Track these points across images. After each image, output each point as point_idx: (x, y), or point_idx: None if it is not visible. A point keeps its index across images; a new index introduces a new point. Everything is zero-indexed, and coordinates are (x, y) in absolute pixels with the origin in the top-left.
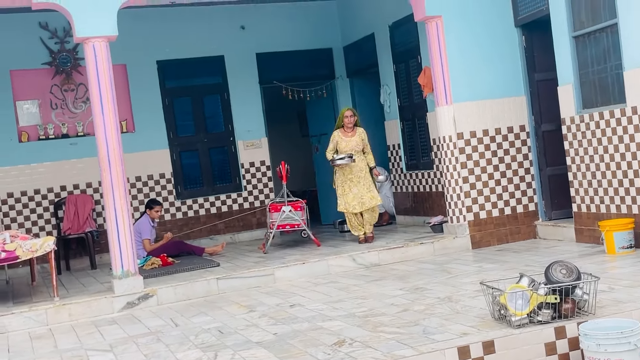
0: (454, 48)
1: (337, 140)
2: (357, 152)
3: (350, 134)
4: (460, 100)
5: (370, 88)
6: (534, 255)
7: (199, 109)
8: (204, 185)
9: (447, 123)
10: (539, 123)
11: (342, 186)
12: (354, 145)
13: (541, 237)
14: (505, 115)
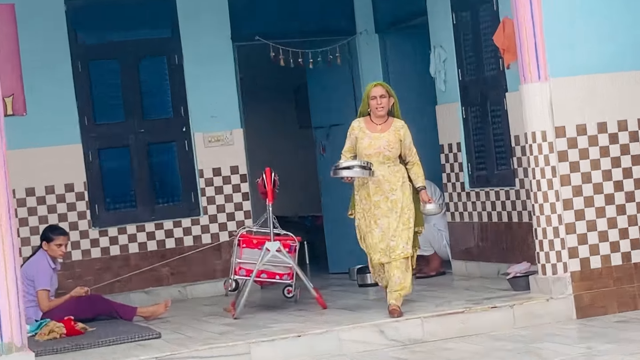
0: None
1: (357, 136)
2: (388, 158)
3: (380, 126)
4: (563, 73)
5: (412, 51)
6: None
7: (131, 81)
8: (137, 205)
9: (540, 111)
10: None
11: (364, 216)
12: (383, 145)
13: None
14: (636, 100)
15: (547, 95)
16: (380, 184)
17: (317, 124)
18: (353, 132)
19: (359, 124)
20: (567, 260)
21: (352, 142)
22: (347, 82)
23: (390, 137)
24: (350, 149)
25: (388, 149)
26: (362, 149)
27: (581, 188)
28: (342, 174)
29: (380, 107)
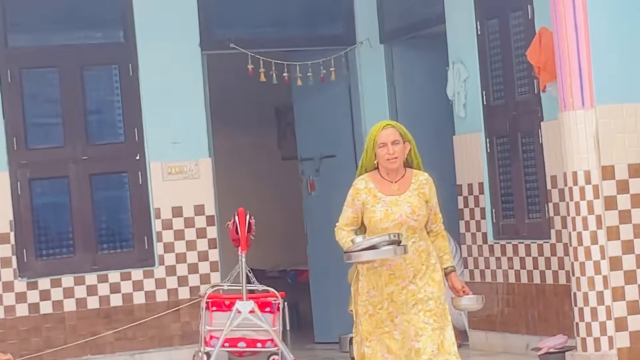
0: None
1: (365, 202)
2: (414, 231)
3: (396, 184)
4: (613, 100)
5: (426, 67)
6: None
7: (73, 95)
8: (75, 252)
9: (584, 145)
10: None
11: (375, 311)
12: (406, 213)
13: None
14: None
15: (593, 126)
16: (398, 269)
17: (304, 154)
18: (358, 196)
19: (366, 184)
20: (614, 334)
21: (356, 212)
22: (344, 103)
23: (413, 199)
24: (354, 221)
25: (413, 218)
26: (375, 221)
27: (632, 244)
28: (364, 258)
29: (393, 159)
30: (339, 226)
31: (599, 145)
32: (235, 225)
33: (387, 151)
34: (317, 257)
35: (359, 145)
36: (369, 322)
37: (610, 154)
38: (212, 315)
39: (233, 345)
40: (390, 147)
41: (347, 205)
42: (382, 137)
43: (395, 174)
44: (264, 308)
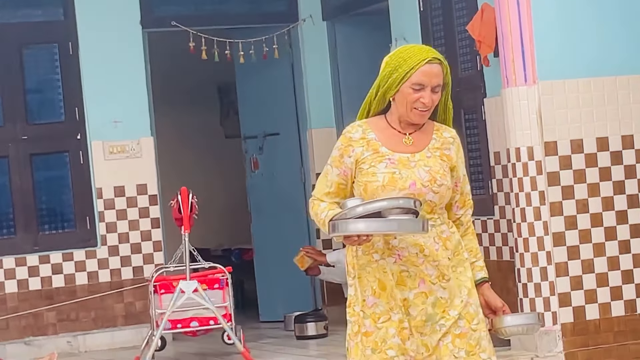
0: None
1: (361, 157)
2: (432, 208)
3: (411, 135)
4: (556, 75)
5: (369, 43)
6: None
7: (12, 74)
8: (16, 232)
9: (526, 122)
10: None
11: (375, 327)
12: (424, 179)
13: None
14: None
15: (536, 102)
16: (412, 264)
17: (247, 133)
18: (351, 150)
19: (363, 132)
20: (558, 310)
21: (345, 174)
22: (287, 80)
23: (433, 161)
24: (339, 188)
25: (433, 188)
26: (373, 189)
27: (576, 219)
28: (364, 230)
29: (426, 112)
30: (316, 196)
31: (542, 121)
32: (178, 204)
33: (423, 98)
34: (261, 236)
35: (302, 123)
36: (361, 346)
37: (552, 130)
38: (161, 297)
39: (186, 326)
40: (429, 93)
41: (331, 164)
42: (423, 74)
43: (410, 126)
44: (213, 285)
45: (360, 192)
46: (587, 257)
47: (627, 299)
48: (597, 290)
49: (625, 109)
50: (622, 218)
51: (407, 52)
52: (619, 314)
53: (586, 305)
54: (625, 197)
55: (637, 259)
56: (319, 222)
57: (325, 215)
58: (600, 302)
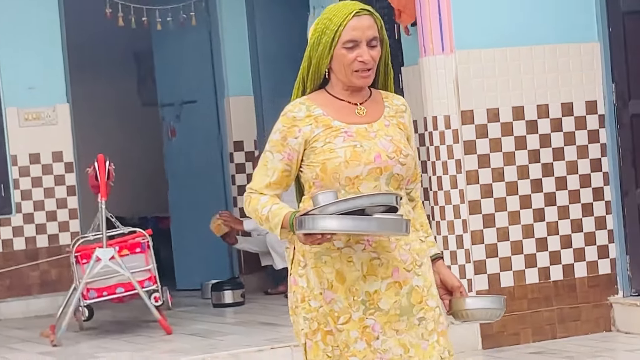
0: None
1: (311, 136)
2: (399, 183)
3: (363, 107)
4: (473, 44)
5: (287, 11)
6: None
7: None
8: None
9: (443, 91)
10: (624, 99)
11: (335, 327)
12: (387, 150)
13: (620, 330)
14: (558, 81)
15: (453, 71)
16: (384, 250)
17: (165, 100)
18: (295, 131)
19: (308, 110)
20: (473, 277)
21: (289, 160)
22: (204, 48)
23: (392, 130)
24: (282, 178)
25: (399, 159)
26: (334, 167)
27: (491, 187)
28: (329, 227)
29: (367, 71)
30: (253, 188)
31: (459, 90)
32: (95, 171)
33: (361, 55)
34: (178, 204)
35: (220, 91)
36: (320, 347)
37: (469, 99)
38: (84, 267)
39: (112, 293)
40: (365, 49)
41: (270, 150)
42: (352, 29)
43: (358, 94)
44: (134, 249)
45: (316, 174)
46: (502, 225)
47: (541, 267)
48: (511, 258)
49: (540, 79)
50: (537, 186)
51: (330, 11)
52: (533, 282)
53: (501, 272)
54: (540, 165)
55: (551, 227)
56: (260, 219)
57: (268, 211)
58: (515, 269)
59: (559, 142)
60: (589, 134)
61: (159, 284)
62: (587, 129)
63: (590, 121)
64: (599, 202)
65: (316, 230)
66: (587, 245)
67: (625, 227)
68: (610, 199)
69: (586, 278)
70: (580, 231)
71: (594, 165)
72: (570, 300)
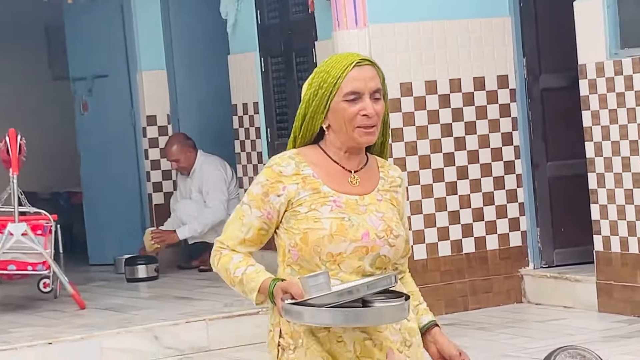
0: None
1: (296, 197)
2: (383, 261)
3: (357, 173)
4: (386, 19)
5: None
6: (519, 337)
7: None
8: None
9: None
10: (535, 73)
11: None
12: (377, 229)
13: (531, 301)
14: (470, 55)
15: (366, 45)
16: (375, 329)
17: (76, 74)
18: (279, 189)
19: (297, 167)
20: None
21: (269, 218)
22: (116, 21)
23: (384, 206)
24: (258, 236)
25: (389, 240)
26: (317, 240)
27: (405, 161)
28: (321, 322)
29: (371, 128)
30: (225, 243)
31: None
32: (6, 146)
33: (364, 109)
34: (90, 179)
35: (132, 65)
36: None
37: (384, 72)
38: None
39: (3, 268)
40: (369, 102)
41: (249, 203)
42: (354, 80)
43: (355, 159)
44: (36, 230)
45: (295, 243)
46: (416, 198)
47: (454, 239)
48: (424, 231)
49: (453, 53)
50: (449, 160)
51: (327, 64)
52: (446, 254)
53: (414, 245)
54: (453, 139)
55: (464, 200)
56: (232, 280)
57: (242, 273)
58: (428, 242)
59: (471, 116)
60: (500, 108)
61: (51, 271)
62: (498, 103)
63: (501, 95)
64: (510, 175)
65: (310, 324)
66: (498, 218)
67: (536, 200)
68: (521, 172)
69: (498, 250)
70: (492, 204)
71: (505, 139)
72: (482, 272)
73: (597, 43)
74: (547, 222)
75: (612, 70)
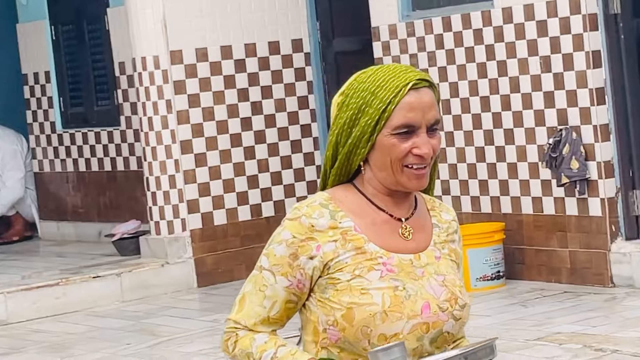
0: None
1: (333, 259)
2: (445, 339)
3: (407, 221)
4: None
5: None
6: None
7: None
8: None
9: (152, 31)
10: (329, 37)
11: None
12: (439, 298)
13: None
14: (265, 20)
15: (160, 11)
16: None
17: None
18: (311, 248)
19: (333, 217)
20: (187, 216)
21: (297, 288)
22: None
23: (445, 265)
24: (285, 310)
25: (455, 310)
26: (369, 316)
27: (202, 127)
28: None
29: (424, 168)
30: (242, 323)
31: (167, 30)
32: None
33: (418, 147)
34: None
35: None
36: None
37: (177, 38)
38: None
39: None
40: (425, 136)
41: (270, 269)
42: (409, 109)
43: (404, 202)
44: None
45: (335, 320)
46: (214, 164)
47: (253, 204)
48: (224, 196)
49: (247, 18)
50: (247, 125)
51: (372, 79)
52: (246, 219)
53: (214, 211)
54: (250, 104)
55: (262, 164)
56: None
57: (273, 357)
58: (228, 207)
59: (267, 81)
60: (295, 72)
61: None
62: (294, 67)
63: (296, 59)
64: (307, 138)
65: None
66: (296, 182)
67: None
68: (318, 135)
69: None
70: (290, 168)
71: (301, 103)
72: None
73: (389, 5)
74: None
75: (405, 32)
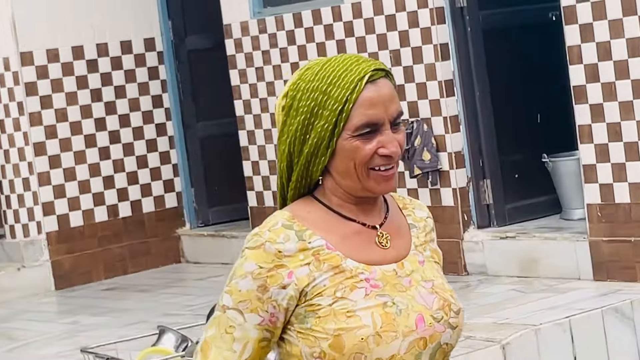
0: None
1: (308, 286)
2: (444, 352)
3: (389, 227)
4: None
5: None
6: (180, 296)
7: None
8: None
9: (2, 33)
10: (181, 35)
11: None
12: (432, 308)
13: (190, 260)
14: (116, 19)
15: (9, 11)
16: None
17: None
18: (282, 277)
19: (300, 238)
20: (42, 219)
21: (270, 324)
22: None
23: (430, 270)
24: (258, 350)
25: (450, 317)
26: (361, 340)
27: (55, 128)
28: None
29: (391, 169)
30: None
31: (16, 31)
32: None
33: (384, 145)
34: None
35: None
36: None
37: (29, 40)
38: None
39: None
40: (390, 133)
41: (236, 307)
42: (370, 105)
43: (373, 208)
44: None
45: (321, 351)
46: (69, 166)
47: (110, 204)
48: (80, 197)
49: (98, 18)
50: (101, 125)
51: (322, 76)
52: (102, 219)
53: (70, 212)
54: (103, 104)
55: (117, 164)
56: None
57: None
58: (84, 209)
59: (121, 80)
60: (149, 71)
61: None
62: (147, 66)
63: (149, 58)
64: (163, 137)
65: None
66: (153, 181)
67: (189, 161)
68: (173, 133)
69: (154, 212)
70: (146, 167)
71: (155, 102)
72: (140, 235)
73: (241, 3)
74: (201, 182)
75: (257, 29)
